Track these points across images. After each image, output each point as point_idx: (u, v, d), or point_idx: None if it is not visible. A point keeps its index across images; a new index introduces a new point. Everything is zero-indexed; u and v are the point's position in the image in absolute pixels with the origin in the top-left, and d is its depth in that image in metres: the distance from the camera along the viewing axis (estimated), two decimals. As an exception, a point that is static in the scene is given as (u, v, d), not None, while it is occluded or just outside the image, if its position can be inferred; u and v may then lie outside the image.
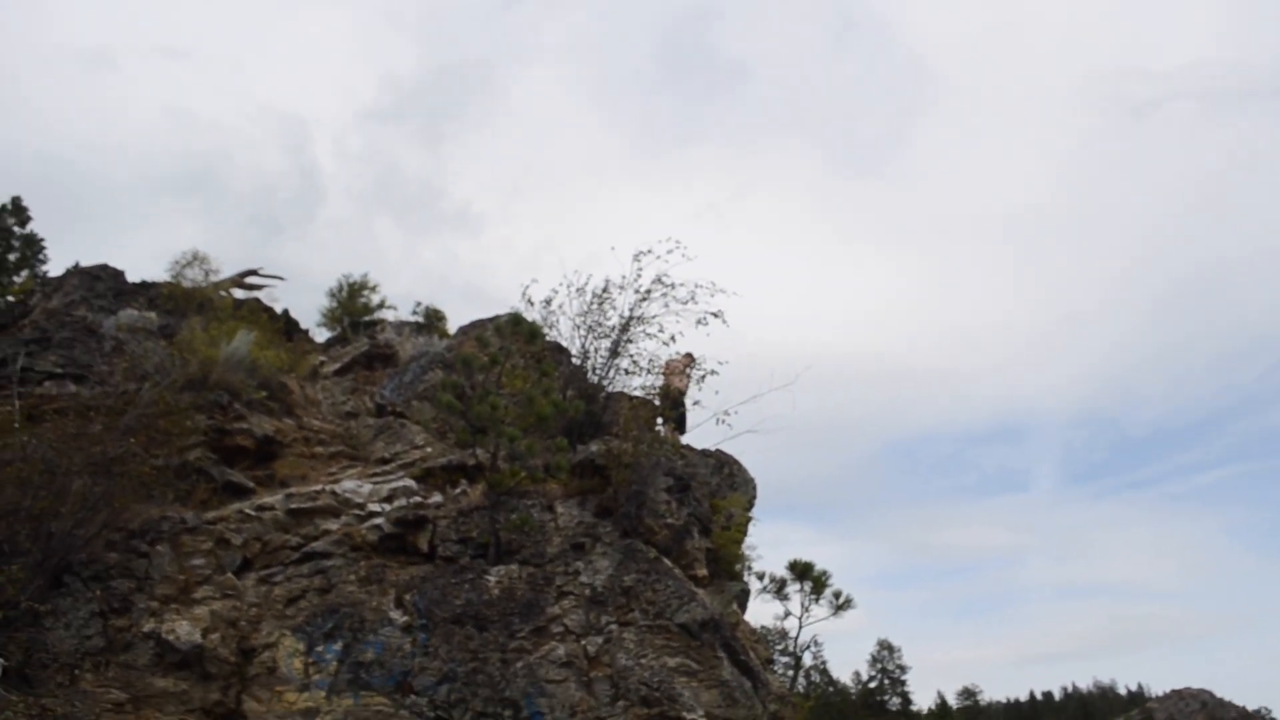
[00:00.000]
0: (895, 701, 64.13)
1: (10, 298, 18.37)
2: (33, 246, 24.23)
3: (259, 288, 19.69)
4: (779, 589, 14.27)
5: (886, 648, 65.49)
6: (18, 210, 24.31)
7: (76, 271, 17.86)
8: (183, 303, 16.98)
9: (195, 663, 10.31)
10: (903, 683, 64.87)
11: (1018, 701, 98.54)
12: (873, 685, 65.28)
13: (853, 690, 66.08)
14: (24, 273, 23.09)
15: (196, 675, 10.30)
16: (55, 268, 21.07)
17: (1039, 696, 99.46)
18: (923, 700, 71.68)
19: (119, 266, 18.05)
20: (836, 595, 14.27)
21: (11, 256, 23.75)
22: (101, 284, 17.42)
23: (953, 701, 76.48)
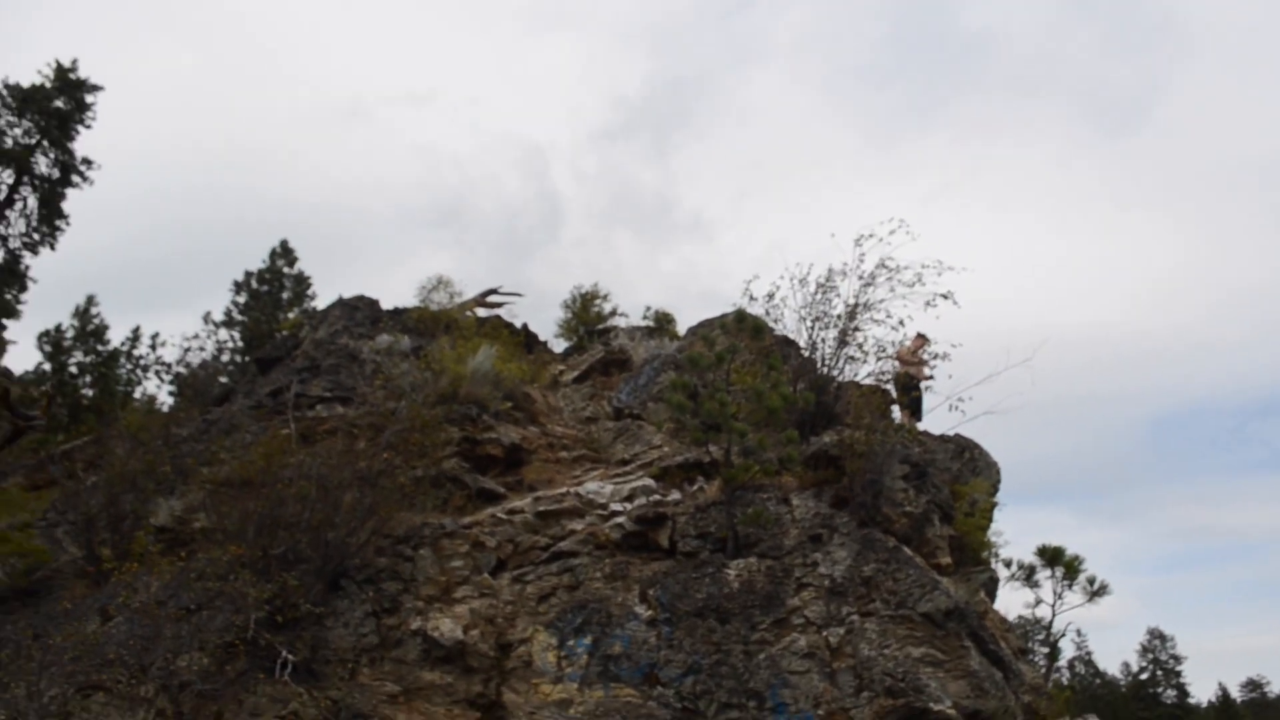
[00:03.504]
0: (1170, 694, 59.46)
1: (284, 332, 20.16)
2: (301, 284, 26.50)
3: (499, 305, 20.76)
4: (1028, 576, 13.68)
5: (1158, 637, 60.89)
6: (286, 252, 26.65)
7: (338, 304, 19.41)
8: (431, 324, 18.12)
9: (458, 657, 11.02)
10: (1178, 674, 59.99)
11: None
12: (1144, 677, 60.83)
13: (1122, 682, 61.89)
14: (295, 309, 25.27)
15: (460, 669, 11.01)
16: (322, 303, 22.96)
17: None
18: (1201, 693, 66.24)
19: (374, 296, 19.50)
20: (1090, 581, 13.51)
21: (284, 295, 26.05)
22: (359, 313, 18.87)
23: (1236, 694, 70.10)
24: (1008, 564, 14.27)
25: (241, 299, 25.48)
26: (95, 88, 22.44)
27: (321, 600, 11.07)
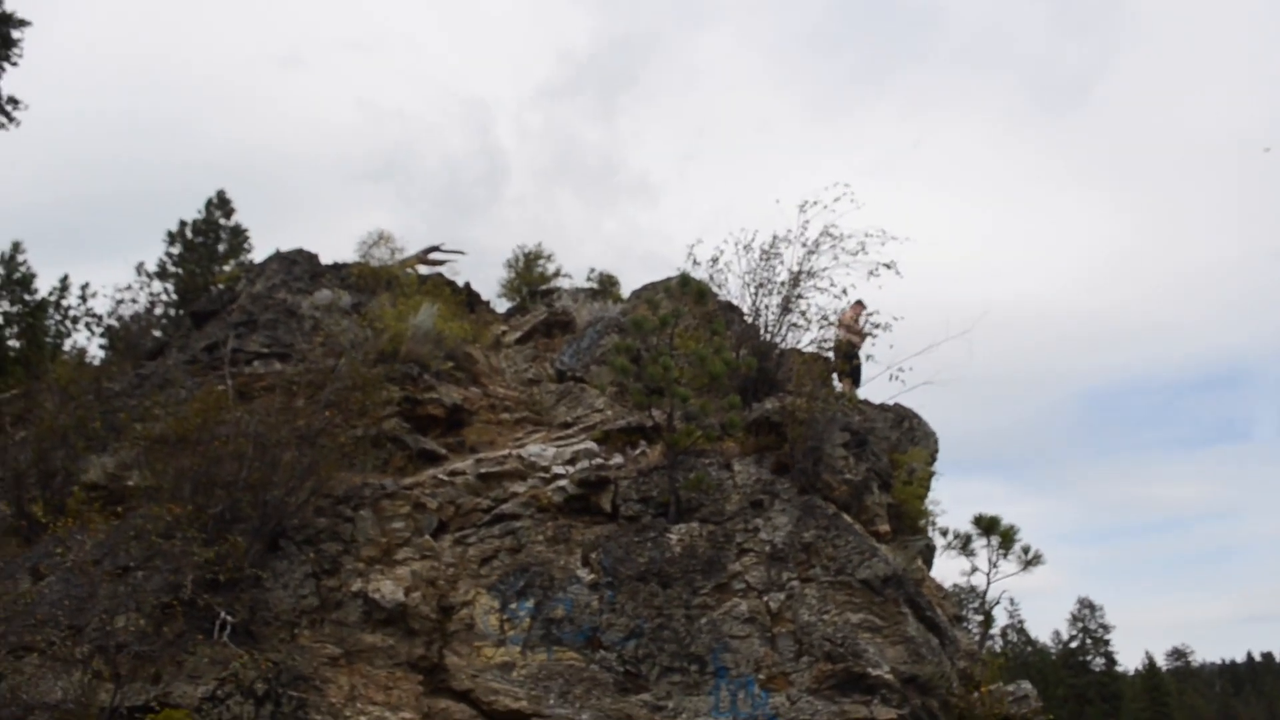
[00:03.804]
0: (1098, 662, 61.60)
1: (220, 285, 19.73)
2: (238, 237, 25.95)
3: (441, 263, 20.46)
4: (964, 545, 13.97)
5: (1088, 606, 62.99)
6: (223, 203, 26.04)
7: (276, 257, 18.99)
8: (371, 281, 17.83)
9: (400, 620, 10.99)
10: (1106, 642, 62.14)
11: (1234, 663, 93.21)
12: (1074, 645, 62.85)
13: (1052, 650, 63.91)
14: (231, 262, 24.75)
15: (401, 631, 10.98)
16: (259, 256, 22.49)
17: (1258, 658, 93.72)
18: (1129, 661, 68.83)
19: (313, 250, 19.10)
20: (1025, 551, 13.87)
21: (220, 247, 25.50)
22: (298, 267, 18.48)
23: (1162, 663, 72.95)
24: (944, 533, 14.54)
25: (176, 250, 24.88)
26: (22, 23, 21.50)
27: (260, 561, 10.95)
